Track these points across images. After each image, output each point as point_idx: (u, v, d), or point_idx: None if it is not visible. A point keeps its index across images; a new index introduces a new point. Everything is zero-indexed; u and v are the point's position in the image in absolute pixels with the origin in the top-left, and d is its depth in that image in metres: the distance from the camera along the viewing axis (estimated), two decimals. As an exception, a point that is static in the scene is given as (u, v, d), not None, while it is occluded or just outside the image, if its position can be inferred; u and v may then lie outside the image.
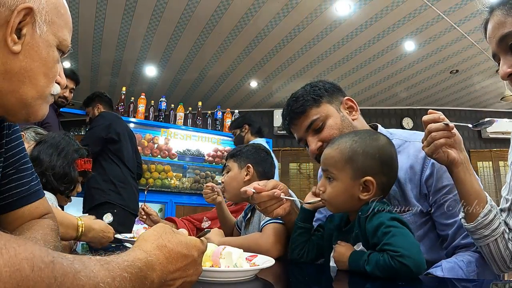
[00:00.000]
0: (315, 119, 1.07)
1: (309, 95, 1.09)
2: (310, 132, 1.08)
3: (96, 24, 3.80)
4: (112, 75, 4.99)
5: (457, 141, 0.83)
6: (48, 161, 1.30)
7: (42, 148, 1.33)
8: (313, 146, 1.06)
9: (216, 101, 5.48)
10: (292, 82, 5.19)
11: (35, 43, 0.57)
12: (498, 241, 0.81)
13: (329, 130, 1.06)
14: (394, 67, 4.76)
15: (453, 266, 0.86)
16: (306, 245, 1.01)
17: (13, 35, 0.54)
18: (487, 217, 0.80)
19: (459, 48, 4.26)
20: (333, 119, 1.07)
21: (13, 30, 0.54)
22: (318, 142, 1.06)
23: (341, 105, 1.11)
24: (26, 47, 0.56)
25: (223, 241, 1.48)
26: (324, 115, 1.07)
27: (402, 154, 1.00)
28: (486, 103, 6.06)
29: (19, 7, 0.53)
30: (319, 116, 1.07)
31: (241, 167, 1.54)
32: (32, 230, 0.70)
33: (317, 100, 1.08)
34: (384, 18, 3.70)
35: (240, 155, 1.56)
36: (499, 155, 6.11)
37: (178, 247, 0.52)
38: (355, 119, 1.11)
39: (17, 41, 0.55)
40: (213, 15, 3.66)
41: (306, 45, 4.24)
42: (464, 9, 3.51)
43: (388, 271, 0.72)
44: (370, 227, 0.79)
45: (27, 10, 0.54)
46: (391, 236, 0.74)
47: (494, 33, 0.76)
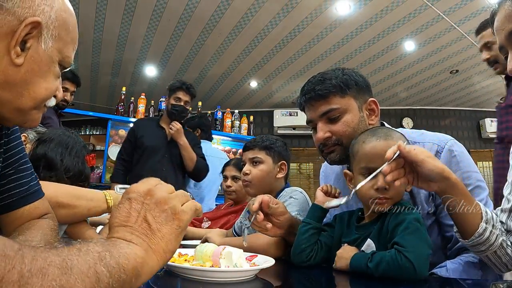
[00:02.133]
0: (334, 109, 0.99)
1: (338, 81, 1.00)
2: (324, 119, 1.01)
3: (96, 24, 3.79)
4: (112, 75, 4.98)
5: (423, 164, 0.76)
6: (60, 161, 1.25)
7: (48, 147, 1.26)
8: (321, 134, 1.01)
9: (216, 101, 5.47)
10: (292, 82, 5.19)
11: (38, 58, 0.57)
12: (497, 252, 0.80)
13: (344, 126, 0.99)
14: (394, 67, 4.76)
15: (458, 267, 0.86)
16: (315, 246, 0.96)
17: (16, 48, 0.53)
18: (482, 236, 0.78)
19: (459, 48, 4.26)
20: (351, 116, 1.00)
21: (17, 43, 0.53)
22: (328, 133, 1.00)
23: (364, 105, 1.04)
24: (29, 60, 0.56)
25: (224, 241, 1.48)
26: (345, 108, 1.00)
27: None
28: (486, 103, 6.05)
29: (27, 20, 0.53)
30: (339, 107, 0.99)
31: (275, 162, 1.45)
32: (31, 230, 0.70)
33: (344, 90, 1.00)
34: (384, 18, 3.70)
35: (274, 148, 1.45)
36: (499, 155, 6.10)
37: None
38: (372, 124, 1.04)
39: (20, 54, 0.54)
40: (213, 15, 3.65)
41: (306, 45, 4.24)
42: (464, 9, 3.51)
43: (390, 267, 0.71)
44: (392, 222, 0.79)
45: (34, 24, 0.54)
46: (407, 233, 0.75)
47: (504, 25, 0.74)
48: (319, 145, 1.03)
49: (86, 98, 5.60)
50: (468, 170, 0.95)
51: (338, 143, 1.00)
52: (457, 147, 0.98)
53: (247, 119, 4.39)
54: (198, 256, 0.82)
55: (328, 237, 0.97)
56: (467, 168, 0.95)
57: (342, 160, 1.02)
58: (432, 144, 0.99)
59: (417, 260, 0.71)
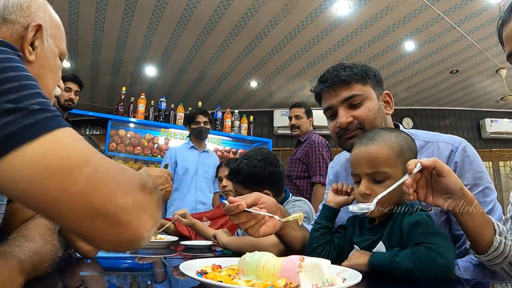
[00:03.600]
0: (357, 94, 1.03)
1: (359, 70, 1.05)
2: (346, 105, 1.04)
3: (96, 24, 3.80)
4: (112, 75, 4.99)
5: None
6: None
7: None
8: (344, 119, 1.02)
9: (216, 101, 5.48)
10: (292, 82, 5.19)
11: (45, 54, 0.68)
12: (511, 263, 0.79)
13: (366, 111, 1.02)
14: (394, 67, 4.76)
15: (469, 265, 0.86)
16: (327, 246, 0.95)
17: (29, 47, 0.64)
18: (498, 250, 0.77)
19: (459, 48, 4.26)
20: (372, 103, 1.04)
21: (29, 43, 0.64)
22: (350, 117, 1.02)
23: (380, 96, 1.09)
24: (39, 57, 0.66)
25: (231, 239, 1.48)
26: (366, 96, 1.04)
27: (425, 154, 1.00)
28: (486, 103, 6.06)
29: (31, 24, 0.65)
30: (362, 93, 1.03)
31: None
32: (30, 230, 0.71)
33: (365, 79, 1.05)
34: (384, 18, 3.70)
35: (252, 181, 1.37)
36: (499, 155, 6.11)
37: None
38: (388, 114, 1.09)
39: (32, 52, 0.65)
40: (213, 15, 3.66)
41: (306, 45, 4.24)
42: (464, 9, 3.51)
43: (422, 261, 0.70)
44: (407, 222, 0.78)
45: (37, 27, 0.66)
46: (429, 233, 0.74)
47: None
48: (339, 131, 1.04)
49: (86, 98, 5.60)
50: (480, 171, 0.97)
51: (360, 127, 1.03)
52: (469, 148, 1.01)
53: (247, 119, 4.39)
54: (249, 269, 0.62)
55: (341, 238, 0.97)
56: (479, 168, 0.97)
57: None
58: (446, 144, 1.01)
59: (449, 255, 0.70)
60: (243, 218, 0.87)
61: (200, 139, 3.17)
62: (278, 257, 0.61)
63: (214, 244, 1.58)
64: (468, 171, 0.92)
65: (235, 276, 0.64)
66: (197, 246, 1.57)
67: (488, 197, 0.93)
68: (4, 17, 0.63)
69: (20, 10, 0.65)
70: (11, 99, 0.41)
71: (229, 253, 1.40)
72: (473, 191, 0.91)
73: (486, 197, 0.93)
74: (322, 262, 0.56)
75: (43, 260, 0.64)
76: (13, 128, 0.39)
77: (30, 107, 0.42)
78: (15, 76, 0.43)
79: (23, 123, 0.40)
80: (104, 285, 0.79)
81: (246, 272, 0.62)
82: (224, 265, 0.71)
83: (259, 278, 0.59)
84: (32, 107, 0.42)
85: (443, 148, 0.99)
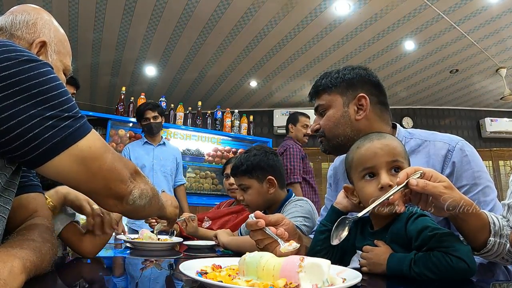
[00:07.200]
0: (321, 104, 1.12)
1: (327, 80, 1.12)
2: (318, 113, 1.15)
3: (96, 24, 3.79)
4: (112, 75, 4.98)
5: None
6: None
7: None
8: (313, 126, 1.16)
9: (216, 101, 5.48)
10: (292, 82, 5.19)
11: None
12: (504, 257, 0.79)
13: (326, 120, 1.10)
14: (393, 67, 4.76)
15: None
16: (331, 249, 0.94)
17: None
18: (491, 251, 0.77)
19: (459, 47, 4.26)
20: (333, 112, 1.09)
21: None
22: (317, 125, 1.13)
23: (353, 100, 1.07)
24: None
25: (231, 239, 1.48)
26: (329, 104, 1.10)
27: (422, 153, 1.00)
28: (486, 102, 6.05)
29: (36, 40, 0.71)
30: (324, 103, 1.11)
31: (261, 180, 1.41)
32: (30, 229, 0.72)
33: (329, 88, 1.11)
34: (383, 17, 3.70)
35: (254, 169, 1.42)
36: (499, 154, 6.11)
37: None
38: (360, 119, 1.06)
39: None
40: (213, 15, 3.65)
41: (306, 45, 4.24)
42: (464, 9, 3.51)
43: (442, 269, 0.68)
44: (413, 229, 0.76)
45: (42, 43, 0.72)
46: (440, 236, 0.72)
47: None
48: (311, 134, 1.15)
49: (86, 98, 5.60)
50: (479, 170, 0.95)
51: (322, 135, 1.13)
52: (467, 147, 0.99)
53: (247, 118, 4.39)
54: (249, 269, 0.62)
55: (344, 242, 0.94)
56: (478, 168, 0.96)
57: (326, 150, 1.15)
58: (443, 143, 1.00)
59: (469, 259, 0.68)
60: (259, 236, 0.87)
61: (152, 135, 3.14)
62: (278, 257, 0.62)
63: (216, 244, 1.58)
64: (466, 170, 0.92)
65: (235, 276, 0.64)
66: (200, 246, 1.57)
67: (488, 196, 0.93)
68: (12, 33, 0.70)
69: (27, 27, 0.71)
70: (64, 108, 0.60)
71: (229, 253, 1.40)
72: (473, 191, 0.91)
73: (486, 197, 0.93)
74: (322, 262, 0.56)
75: (43, 259, 0.65)
76: (71, 129, 0.60)
77: (77, 115, 0.62)
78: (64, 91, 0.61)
79: (75, 126, 0.61)
80: (104, 285, 0.79)
81: (246, 272, 0.62)
82: (224, 265, 0.71)
83: (259, 278, 0.59)
84: (77, 114, 0.61)
85: (439, 147, 0.98)
